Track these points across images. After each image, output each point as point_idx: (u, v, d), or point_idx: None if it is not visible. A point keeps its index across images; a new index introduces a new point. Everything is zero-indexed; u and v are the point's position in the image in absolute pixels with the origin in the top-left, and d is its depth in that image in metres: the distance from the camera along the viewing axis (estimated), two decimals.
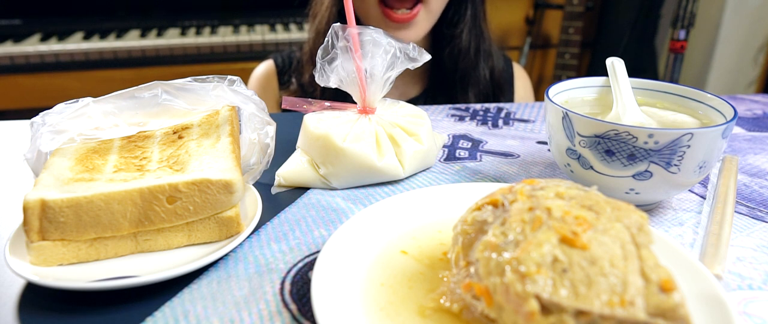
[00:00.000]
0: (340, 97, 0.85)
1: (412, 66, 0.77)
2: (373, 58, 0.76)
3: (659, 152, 0.61)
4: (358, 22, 1.22)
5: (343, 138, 0.75)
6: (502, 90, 1.40)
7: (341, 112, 0.81)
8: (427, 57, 0.77)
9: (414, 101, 1.36)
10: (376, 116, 0.80)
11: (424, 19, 1.20)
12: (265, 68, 1.44)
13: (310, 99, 0.81)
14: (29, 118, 0.67)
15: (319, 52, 0.76)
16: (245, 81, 0.75)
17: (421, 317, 0.48)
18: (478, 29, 1.30)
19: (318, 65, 0.76)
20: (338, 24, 0.75)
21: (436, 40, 1.33)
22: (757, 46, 2.88)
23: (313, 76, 0.77)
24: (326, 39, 0.76)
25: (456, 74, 1.32)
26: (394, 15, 1.17)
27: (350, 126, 0.77)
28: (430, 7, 1.19)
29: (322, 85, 0.77)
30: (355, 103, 0.81)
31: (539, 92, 2.92)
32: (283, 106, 0.81)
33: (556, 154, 0.72)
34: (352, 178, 0.76)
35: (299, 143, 0.80)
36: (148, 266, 0.57)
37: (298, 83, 1.34)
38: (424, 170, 0.82)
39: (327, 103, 0.81)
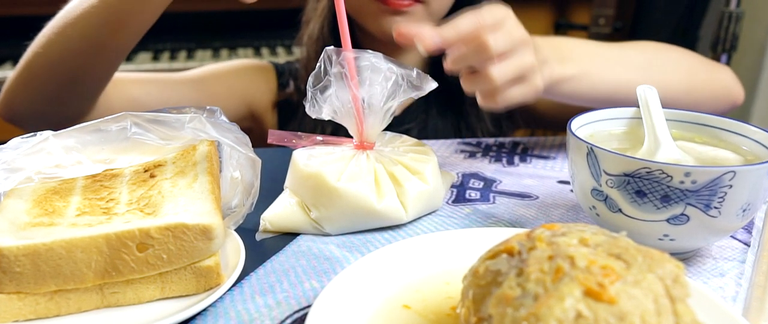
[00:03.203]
0: (338, 128, 0.85)
1: (415, 95, 0.78)
2: (371, 86, 0.77)
3: (697, 193, 0.61)
4: (351, 24, 1.24)
5: (338, 177, 0.75)
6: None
7: (335, 147, 0.82)
8: (433, 85, 0.78)
9: (417, 111, 1.36)
10: (375, 152, 0.81)
11: (423, 14, 1.21)
12: (260, 62, 1.46)
13: (299, 133, 0.82)
14: None
15: (310, 79, 0.77)
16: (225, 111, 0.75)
17: None
18: None
19: (309, 94, 0.77)
20: (332, 47, 0.76)
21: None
22: None
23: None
24: (318, 64, 0.77)
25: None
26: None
27: (345, 163, 0.78)
28: (430, 9, 1.22)
29: (314, 118, 0.78)
30: (351, 137, 0.81)
31: None
32: (269, 141, 0.81)
33: (579, 195, 0.73)
34: (348, 223, 0.76)
35: (287, 183, 0.80)
36: (116, 323, 0.57)
37: (295, 87, 1.38)
38: (429, 213, 0.83)
39: (319, 137, 0.82)
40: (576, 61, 0.92)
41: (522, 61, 0.80)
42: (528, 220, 0.81)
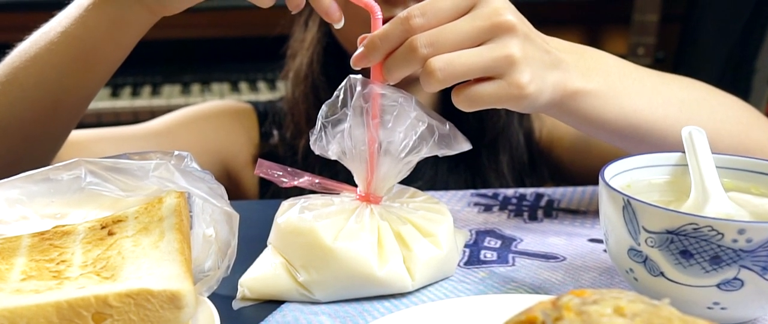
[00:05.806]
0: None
1: (442, 153, 0.78)
2: (393, 131, 0.76)
3: (753, 254, 0.61)
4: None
5: (335, 235, 0.75)
6: (542, 157, 1.40)
7: (334, 196, 0.81)
8: (467, 147, 0.78)
9: (424, 166, 1.36)
10: (381, 207, 0.80)
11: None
12: (238, 104, 1.46)
13: (292, 169, 0.81)
14: None
15: (324, 108, 0.76)
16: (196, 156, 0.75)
17: None
18: None
19: (318, 124, 0.76)
20: (359, 77, 0.76)
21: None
22: None
23: (294, 135, 0.76)
24: (337, 93, 0.76)
25: (483, 139, 1.33)
26: None
27: (345, 218, 0.77)
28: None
29: (317, 153, 0.78)
30: (355, 185, 0.81)
31: None
32: (255, 172, 0.80)
33: (614, 256, 0.73)
34: (343, 289, 0.76)
35: (271, 239, 0.80)
36: None
37: (280, 137, 1.36)
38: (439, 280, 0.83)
39: (316, 180, 0.81)
40: (603, 75, 0.86)
41: (493, 51, 0.73)
42: (553, 286, 0.81)
